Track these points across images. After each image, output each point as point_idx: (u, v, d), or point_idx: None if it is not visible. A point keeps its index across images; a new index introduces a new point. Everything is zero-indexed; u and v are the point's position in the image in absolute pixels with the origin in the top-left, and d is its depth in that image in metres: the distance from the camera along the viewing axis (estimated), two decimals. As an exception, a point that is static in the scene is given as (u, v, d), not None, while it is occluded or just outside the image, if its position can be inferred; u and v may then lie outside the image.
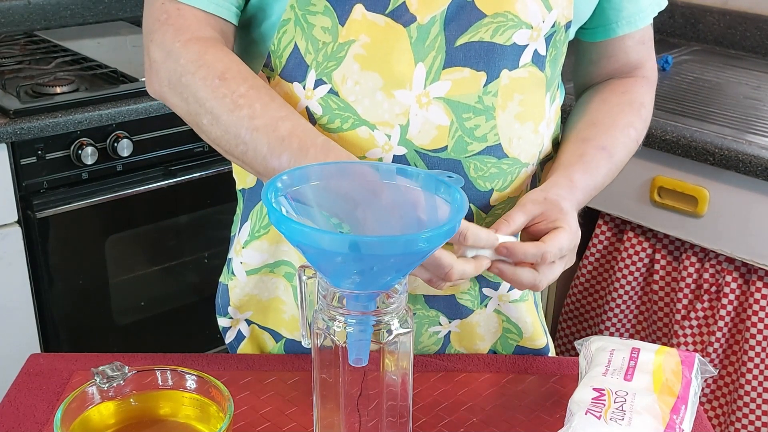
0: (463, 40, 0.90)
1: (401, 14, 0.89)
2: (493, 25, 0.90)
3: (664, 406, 0.82)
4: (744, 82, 2.07)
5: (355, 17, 0.89)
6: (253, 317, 1.08)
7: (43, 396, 0.96)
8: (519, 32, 0.90)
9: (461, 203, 0.74)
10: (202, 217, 2.03)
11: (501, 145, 0.94)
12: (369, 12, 0.89)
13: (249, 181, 1.03)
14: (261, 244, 1.02)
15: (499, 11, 0.89)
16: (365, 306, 0.76)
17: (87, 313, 1.97)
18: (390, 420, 0.81)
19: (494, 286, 1.01)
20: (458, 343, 1.06)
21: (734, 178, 1.67)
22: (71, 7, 2.43)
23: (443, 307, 1.02)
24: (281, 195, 0.77)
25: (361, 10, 0.89)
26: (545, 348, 1.09)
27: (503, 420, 0.94)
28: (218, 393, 0.83)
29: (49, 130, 1.76)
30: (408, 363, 0.80)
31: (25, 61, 2.07)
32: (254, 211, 1.02)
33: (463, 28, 0.89)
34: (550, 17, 0.92)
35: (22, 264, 1.82)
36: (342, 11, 0.90)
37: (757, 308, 1.70)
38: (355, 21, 0.89)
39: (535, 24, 0.91)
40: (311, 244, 0.71)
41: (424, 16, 0.89)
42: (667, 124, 1.77)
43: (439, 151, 0.92)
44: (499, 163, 0.95)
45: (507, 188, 0.96)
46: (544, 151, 1.02)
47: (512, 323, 1.05)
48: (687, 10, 2.39)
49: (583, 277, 2.03)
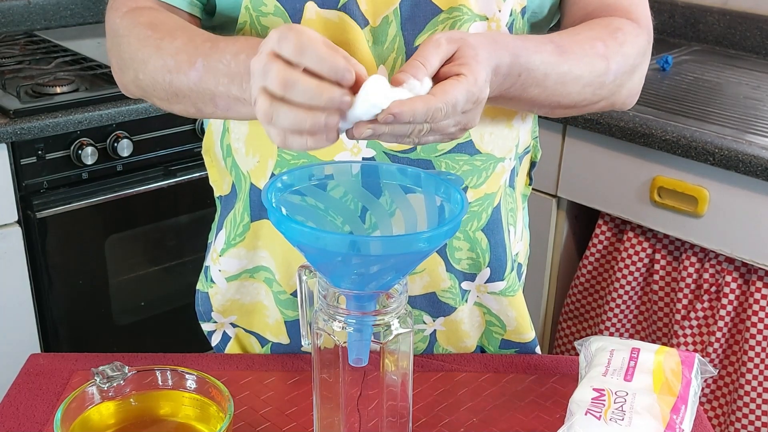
0: (422, 39, 0.88)
1: (353, 11, 0.87)
2: (449, 21, 0.88)
3: (664, 406, 0.83)
4: (744, 82, 2.07)
5: (309, 16, 0.88)
6: (238, 321, 1.08)
7: (43, 396, 0.96)
8: (474, 25, 0.88)
9: (461, 203, 0.74)
10: (202, 217, 2.03)
11: (472, 141, 0.93)
12: (322, 9, 0.87)
13: (225, 188, 1.03)
14: (238, 252, 1.02)
15: (454, 5, 0.88)
16: (365, 306, 0.76)
17: (87, 313, 1.97)
18: (390, 420, 0.81)
19: (471, 278, 1.01)
20: (445, 341, 1.06)
21: (734, 178, 1.67)
22: (71, 7, 2.43)
23: (426, 306, 1.02)
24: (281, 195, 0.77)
25: (314, 9, 0.87)
26: (533, 342, 1.09)
27: (503, 420, 0.94)
28: (218, 393, 0.83)
29: (49, 130, 1.76)
30: (408, 363, 0.80)
31: (25, 61, 2.07)
32: (228, 219, 1.02)
33: (420, 26, 0.88)
34: (506, 6, 0.90)
35: (22, 264, 1.82)
36: (293, 11, 0.88)
37: (757, 308, 1.70)
38: (310, 21, 0.88)
39: (490, 15, 0.89)
40: (311, 244, 0.71)
41: (376, 18, 0.88)
42: (667, 124, 1.77)
43: (408, 152, 0.92)
44: (471, 159, 0.94)
45: (482, 184, 0.96)
46: (521, 145, 1.01)
47: (494, 315, 1.05)
48: (687, 10, 2.39)
49: (583, 277, 2.03)
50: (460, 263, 0.99)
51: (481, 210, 0.97)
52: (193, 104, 0.85)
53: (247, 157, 0.97)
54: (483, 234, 0.98)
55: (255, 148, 0.96)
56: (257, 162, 0.96)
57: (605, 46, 0.89)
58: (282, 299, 1.02)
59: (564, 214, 2.02)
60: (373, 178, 0.82)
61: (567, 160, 1.95)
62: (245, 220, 1.00)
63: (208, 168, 1.06)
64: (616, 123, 1.80)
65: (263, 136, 0.94)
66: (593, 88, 0.89)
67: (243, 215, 1.00)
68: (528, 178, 1.09)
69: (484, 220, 0.98)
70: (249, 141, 0.96)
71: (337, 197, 0.83)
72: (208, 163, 1.06)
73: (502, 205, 1.00)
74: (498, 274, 1.01)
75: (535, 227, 1.53)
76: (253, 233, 1.00)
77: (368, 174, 0.82)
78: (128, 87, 0.93)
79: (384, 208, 0.82)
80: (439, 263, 0.98)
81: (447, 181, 0.78)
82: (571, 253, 2.09)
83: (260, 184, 0.97)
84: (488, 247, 0.99)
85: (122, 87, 0.94)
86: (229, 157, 1.00)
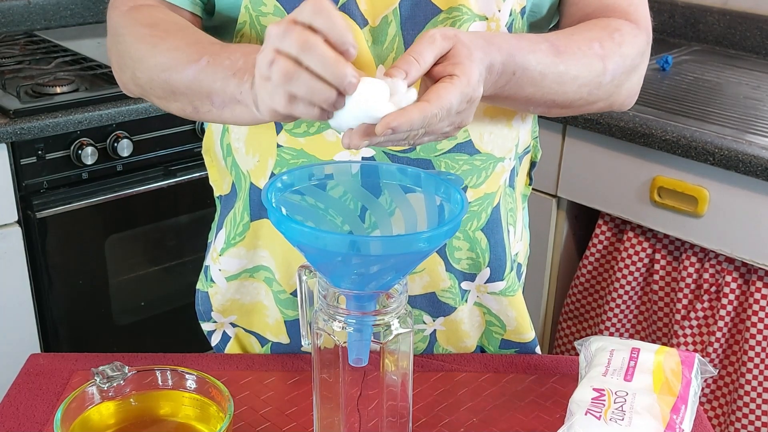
0: None
1: (352, 11, 0.87)
2: (449, 21, 0.88)
3: (664, 406, 0.82)
4: (744, 82, 2.07)
5: None
6: (238, 321, 1.08)
7: (43, 396, 0.96)
8: (473, 25, 0.88)
9: (461, 203, 0.74)
10: (202, 217, 2.03)
11: (472, 141, 0.93)
12: None
13: (225, 187, 1.03)
14: (238, 251, 1.02)
15: (454, 5, 0.88)
16: (365, 306, 0.76)
17: (87, 313, 1.97)
18: (390, 420, 0.81)
19: (470, 278, 1.01)
20: (445, 341, 1.06)
21: (734, 178, 1.67)
22: (71, 7, 2.43)
23: (425, 306, 1.02)
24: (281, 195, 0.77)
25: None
26: (533, 342, 1.09)
27: (503, 420, 0.94)
28: (218, 393, 0.83)
29: (49, 130, 1.76)
30: (408, 363, 0.80)
31: (25, 61, 2.07)
32: (228, 219, 1.02)
33: (419, 26, 0.88)
34: (506, 6, 0.90)
35: (22, 264, 1.82)
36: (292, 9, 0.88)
37: (757, 308, 1.70)
38: None
39: (489, 15, 0.89)
40: (311, 244, 0.71)
41: (375, 18, 0.88)
42: (667, 124, 1.77)
43: (407, 152, 0.92)
44: (471, 159, 0.94)
45: (482, 184, 0.96)
46: (521, 145, 1.01)
47: (494, 315, 1.05)
48: (687, 10, 2.39)
49: (583, 277, 2.03)
50: (459, 263, 0.99)
51: (481, 210, 0.97)
52: (189, 102, 0.85)
53: (247, 157, 0.97)
54: (482, 234, 0.98)
55: (255, 147, 0.96)
56: (257, 161, 0.96)
57: (602, 47, 0.89)
58: (282, 299, 1.02)
59: (564, 214, 2.02)
60: (372, 177, 0.82)
61: (567, 160, 1.95)
62: (245, 219, 1.00)
63: (208, 168, 1.06)
64: (616, 123, 1.80)
65: (263, 136, 0.95)
66: (590, 88, 0.89)
67: (243, 215, 1.00)
68: (528, 178, 1.09)
69: (483, 220, 0.98)
70: (249, 141, 0.96)
71: (337, 197, 0.83)
72: (208, 163, 1.06)
73: (502, 205, 1.00)
74: (498, 274, 1.01)
75: (535, 227, 1.53)
76: (253, 233, 1.00)
77: (368, 174, 0.82)
78: (128, 85, 0.93)
79: (384, 208, 0.82)
80: (438, 263, 0.98)
81: (447, 181, 0.78)
82: (571, 253, 2.09)
83: (260, 183, 0.97)
84: (488, 247, 0.99)
85: (122, 86, 0.95)
86: (229, 157, 1.00)
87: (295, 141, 0.93)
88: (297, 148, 0.93)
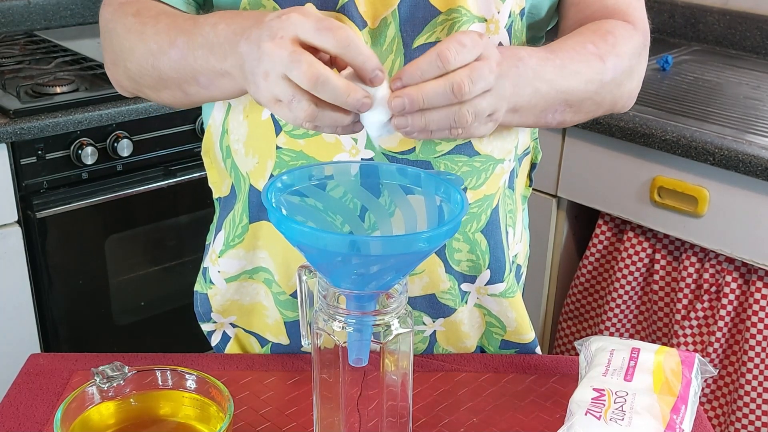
0: (421, 41, 0.89)
1: (351, 12, 0.87)
2: (448, 23, 0.88)
3: (664, 406, 0.82)
4: (744, 82, 2.07)
5: None
6: (238, 321, 1.08)
7: (43, 396, 0.96)
8: (472, 27, 0.89)
9: (461, 203, 0.74)
10: (202, 217, 2.03)
11: (471, 142, 0.93)
12: (320, 10, 0.86)
13: (224, 189, 1.03)
14: (237, 252, 1.02)
15: (453, 7, 0.88)
16: (365, 306, 0.76)
17: (87, 313, 1.97)
18: (390, 420, 0.81)
19: (471, 280, 1.01)
20: (445, 342, 1.06)
21: (734, 178, 1.67)
22: (71, 7, 2.43)
23: (425, 307, 1.02)
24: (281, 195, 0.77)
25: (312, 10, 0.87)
26: (533, 342, 1.09)
27: (503, 420, 0.94)
28: (218, 393, 0.83)
29: (49, 130, 1.76)
30: (408, 363, 0.80)
31: (25, 61, 2.07)
32: (227, 220, 1.02)
33: (419, 28, 0.88)
34: (505, 7, 0.90)
35: (22, 264, 1.82)
36: None
37: (757, 308, 1.70)
38: None
39: (488, 16, 0.89)
40: (311, 245, 0.71)
41: (375, 20, 0.88)
42: (667, 124, 1.77)
43: (407, 153, 0.92)
44: (470, 161, 0.94)
45: (481, 186, 0.96)
46: (521, 146, 1.01)
47: (494, 316, 1.05)
48: (687, 10, 2.39)
49: (583, 277, 2.03)
50: (459, 264, 0.99)
51: (481, 211, 0.97)
52: (178, 87, 0.87)
53: (246, 158, 0.97)
54: (482, 236, 0.98)
55: (254, 149, 0.96)
56: (256, 163, 0.96)
57: (596, 47, 0.90)
58: (281, 300, 1.02)
59: (564, 214, 2.02)
60: (372, 178, 0.82)
61: (567, 160, 1.95)
62: (244, 221, 1.00)
63: (207, 169, 1.06)
64: (616, 123, 1.80)
65: (262, 137, 0.95)
66: (596, 86, 0.89)
67: (242, 216, 1.00)
68: (528, 179, 1.09)
69: (483, 221, 0.98)
70: (248, 142, 0.96)
71: (337, 197, 0.83)
72: (207, 165, 1.06)
73: (501, 206, 1.00)
74: (498, 276, 1.01)
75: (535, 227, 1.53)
76: (252, 234, 1.00)
77: (368, 174, 0.82)
78: (121, 81, 0.94)
79: (384, 208, 0.82)
80: (438, 264, 0.98)
81: (447, 181, 0.78)
82: (571, 253, 2.09)
83: (259, 185, 0.97)
84: (488, 248, 0.99)
85: (116, 83, 0.95)
86: (229, 159, 1.00)
87: (294, 142, 0.93)
88: (296, 149, 0.93)
